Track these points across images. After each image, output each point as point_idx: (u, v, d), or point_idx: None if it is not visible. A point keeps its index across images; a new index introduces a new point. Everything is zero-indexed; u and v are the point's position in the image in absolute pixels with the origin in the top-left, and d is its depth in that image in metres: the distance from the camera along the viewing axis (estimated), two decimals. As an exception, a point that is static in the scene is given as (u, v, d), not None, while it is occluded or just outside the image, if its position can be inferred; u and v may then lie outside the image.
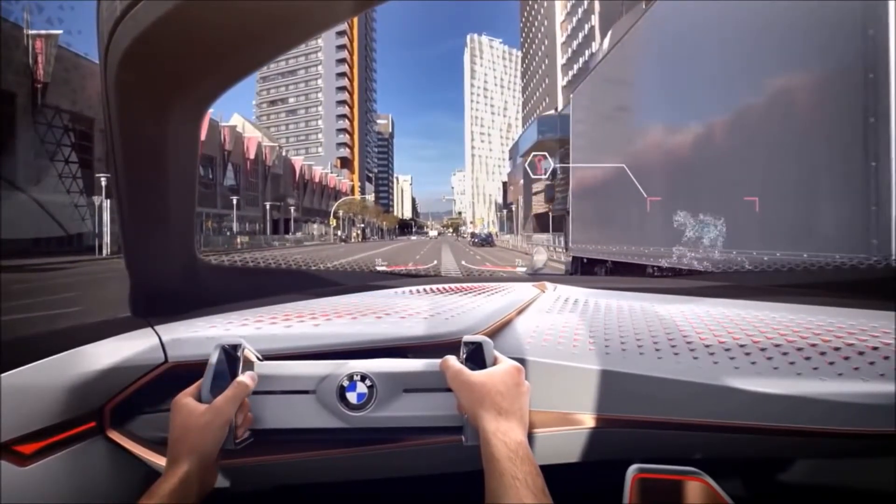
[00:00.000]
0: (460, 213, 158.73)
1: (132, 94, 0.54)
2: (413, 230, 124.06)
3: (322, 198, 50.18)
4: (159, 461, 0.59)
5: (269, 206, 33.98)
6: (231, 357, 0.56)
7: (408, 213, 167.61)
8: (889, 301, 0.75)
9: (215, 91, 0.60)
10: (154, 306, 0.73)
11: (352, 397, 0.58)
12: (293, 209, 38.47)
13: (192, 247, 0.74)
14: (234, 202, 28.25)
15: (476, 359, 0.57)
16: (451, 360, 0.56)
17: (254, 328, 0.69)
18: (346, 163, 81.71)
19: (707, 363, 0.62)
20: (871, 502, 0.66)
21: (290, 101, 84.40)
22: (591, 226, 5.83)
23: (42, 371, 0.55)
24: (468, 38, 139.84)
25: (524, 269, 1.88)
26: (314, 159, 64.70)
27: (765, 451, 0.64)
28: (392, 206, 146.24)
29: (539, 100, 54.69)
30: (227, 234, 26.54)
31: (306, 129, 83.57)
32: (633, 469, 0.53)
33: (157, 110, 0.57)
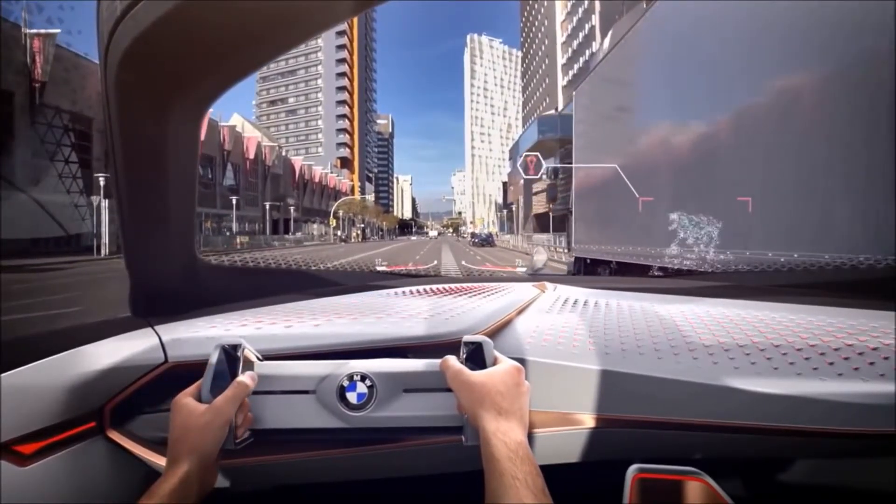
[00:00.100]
0: (460, 213, 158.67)
1: (132, 94, 0.54)
2: (413, 230, 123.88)
3: (322, 198, 50.12)
4: (159, 461, 0.59)
5: (269, 206, 33.94)
6: (231, 357, 0.56)
7: (408, 213, 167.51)
8: (889, 301, 0.75)
9: (215, 91, 0.60)
10: (154, 306, 0.73)
11: (352, 397, 0.58)
12: (293, 209, 38.41)
13: (192, 247, 0.74)
14: (234, 202, 28.19)
15: (476, 359, 0.57)
16: (451, 360, 0.56)
17: (254, 328, 0.69)
18: (346, 163, 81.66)
19: (707, 363, 0.62)
20: (871, 502, 0.66)
21: (290, 101, 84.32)
22: (593, 226, 5.80)
23: (42, 371, 0.55)
24: (468, 38, 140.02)
25: (524, 270, 1.88)
26: (314, 159, 64.63)
27: (765, 451, 0.64)
28: (392, 206, 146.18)
29: (539, 100, 54.69)
30: (227, 234, 26.51)
31: (306, 129, 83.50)
32: (633, 469, 0.53)
33: (157, 110, 0.57)
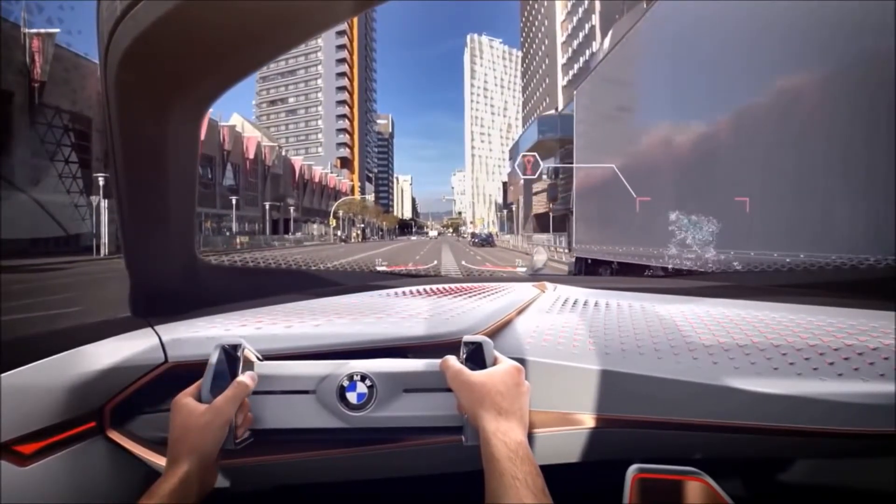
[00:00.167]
0: (460, 213, 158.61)
1: (132, 94, 0.54)
2: (413, 230, 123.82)
3: (322, 198, 50.09)
4: (159, 461, 0.59)
5: (269, 206, 33.92)
6: (231, 357, 0.56)
7: (408, 213, 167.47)
8: (889, 301, 0.75)
9: (215, 91, 0.60)
10: (154, 306, 0.73)
11: (352, 397, 0.58)
12: (293, 209, 38.38)
13: (192, 247, 0.74)
14: (234, 202, 28.17)
15: (476, 359, 0.57)
16: (451, 360, 0.56)
17: (254, 328, 0.69)
18: (346, 163, 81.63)
19: (707, 363, 0.62)
20: (871, 502, 0.66)
21: (290, 101, 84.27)
22: (594, 226, 5.79)
23: (42, 371, 0.55)
24: (468, 38, 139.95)
25: (524, 270, 1.88)
26: (314, 159, 64.59)
27: (765, 451, 0.64)
28: (392, 206, 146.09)
29: (539, 100, 54.66)
30: (227, 234, 26.50)
31: (306, 129, 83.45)
32: (633, 469, 0.53)
33: (157, 110, 0.57)
